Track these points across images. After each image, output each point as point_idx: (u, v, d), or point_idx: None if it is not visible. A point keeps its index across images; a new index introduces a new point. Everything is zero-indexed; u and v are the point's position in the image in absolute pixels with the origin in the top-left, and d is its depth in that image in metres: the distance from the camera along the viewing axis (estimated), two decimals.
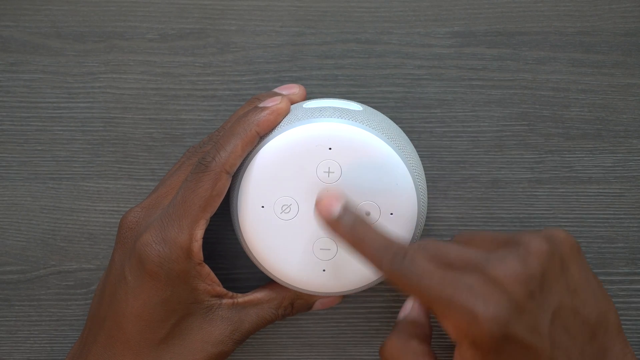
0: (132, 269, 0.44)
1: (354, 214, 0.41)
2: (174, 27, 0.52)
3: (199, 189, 0.44)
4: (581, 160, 0.52)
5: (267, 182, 0.44)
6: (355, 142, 0.43)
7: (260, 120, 0.44)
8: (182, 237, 0.44)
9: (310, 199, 0.44)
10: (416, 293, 0.40)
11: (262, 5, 0.52)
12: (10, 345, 0.52)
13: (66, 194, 0.52)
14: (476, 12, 0.52)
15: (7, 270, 0.52)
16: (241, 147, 0.43)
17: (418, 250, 0.40)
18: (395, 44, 0.52)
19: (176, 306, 0.44)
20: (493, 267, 0.39)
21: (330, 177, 0.43)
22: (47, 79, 0.52)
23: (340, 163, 0.44)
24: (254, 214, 0.44)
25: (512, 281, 0.39)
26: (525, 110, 0.52)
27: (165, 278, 0.44)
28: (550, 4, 0.51)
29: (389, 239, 0.41)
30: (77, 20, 0.52)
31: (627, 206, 0.52)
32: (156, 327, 0.45)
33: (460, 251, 0.40)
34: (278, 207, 0.44)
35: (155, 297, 0.44)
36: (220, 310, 0.46)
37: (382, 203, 0.44)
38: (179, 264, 0.44)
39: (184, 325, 0.45)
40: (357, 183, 0.43)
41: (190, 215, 0.44)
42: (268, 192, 0.44)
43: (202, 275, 0.45)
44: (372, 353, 0.52)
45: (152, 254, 0.44)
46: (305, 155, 0.44)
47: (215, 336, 0.45)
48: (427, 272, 0.39)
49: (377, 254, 0.40)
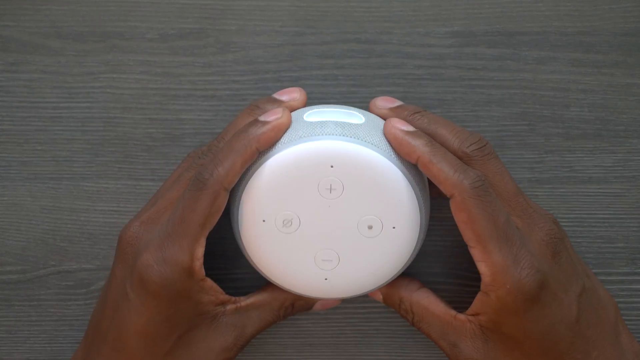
0: (133, 287, 0.44)
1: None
2: (174, 27, 0.52)
3: (198, 207, 0.43)
4: (581, 160, 0.52)
5: (268, 197, 0.44)
6: (357, 160, 0.43)
7: (260, 137, 0.43)
8: (183, 257, 0.43)
9: (311, 213, 0.44)
10: (480, 220, 0.42)
11: (262, 5, 0.52)
12: (10, 345, 0.52)
13: (66, 194, 0.52)
14: (476, 12, 0.52)
15: (7, 270, 0.52)
16: (240, 163, 0.43)
17: (490, 187, 0.44)
18: (395, 44, 0.52)
19: (180, 321, 0.44)
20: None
21: (332, 194, 0.44)
22: (47, 79, 0.52)
23: (342, 180, 0.44)
24: (255, 227, 0.44)
25: (546, 243, 0.45)
26: (525, 110, 0.52)
27: (168, 297, 0.44)
28: (550, 4, 0.51)
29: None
30: (77, 20, 0.52)
31: (627, 206, 0.52)
32: (160, 342, 0.45)
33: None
34: (279, 221, 0.44)
35: (158, 315, 0.44)
36: (224, 317, 0.46)
37: (384, 217, 0.44)
38: (182, 284, 0.43)
39: (188, 336, 0.45)
40: (359, 199, 0.44)
41: (189, 234, 0.43)
42: (269, 207, 0.44)
43: (204, 289, 0.45)
44: (372, 353, 0.52)
45: (153, 275, 0.43)
46: (306, 173, 0.43)
47: (219, 343, 0.46)
48: (498, 206, 0.43)
49: (456, 173, 0.43)
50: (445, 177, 0.43)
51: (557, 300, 0.44)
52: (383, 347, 0.52)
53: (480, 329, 0.45)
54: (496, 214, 0.43)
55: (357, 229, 0.44)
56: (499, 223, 0.43)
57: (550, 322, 0.44)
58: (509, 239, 0.43)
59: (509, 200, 0.45)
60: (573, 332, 0.44)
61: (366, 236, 0.44)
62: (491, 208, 0.43)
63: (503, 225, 0.43)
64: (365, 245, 0.45)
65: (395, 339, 0.52)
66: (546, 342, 0.44)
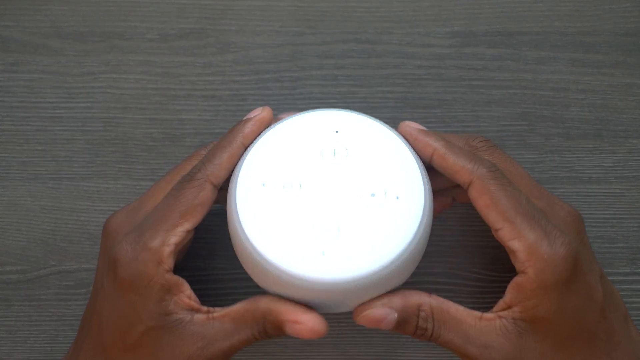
0: (108, 274, 0.44)
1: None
2: (174, 27, 0.52)
3: (182, 196, 0.43)
4: (581, 160, 0.52)
5: (270, 161, 0.43)
6: (362, 128, 0.44)
7: (245, 132, 0.45)
8: (154, 241, 0.43)
9: (313, 177, 0.43)
10: (503, 199, 0.43)
11: (262, 5, 0.52)
12: (10, 345, 0.52)
13: (66, 194, 0.52)
14: (476, 12, 0.52)
15: (7, 270, 0.52)
16: (227, 159, 0.44)
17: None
18: (395, 44, 0.52)
19: (144, 311, 0.43)
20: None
21: (335, 158, 0.43)
22: (47, 79, 0.52)
23: (347, 146, 0.44)
24: (253, 190, 0.43)
25: (570, 221, 0.45)
26: (525, 110, 0.52)
27: (131, 279, 0.43)
28: (550, 4, 0.51)
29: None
30: (77, 20, 0.52)
31: (627, 206, 0.52)
32: (125, 331, 0.43)
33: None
34: (279, 184, 0.43)
35: (121, 300, 0.43)
36: (191, 326, 0.43)
37: (388, 187, 0.43)
38: (146, 268, 0.43)
39: (152, 336, 0.43)
40: (363, 166, 0.43)
41: (167, 220, 0.43)
42: (270, 171, 0.43)
43: (169, 284, 0.43)
44: (372, 353, 0.52)
45: (123, 257, 0.43)
46: (311, 137, 0.44)
47: (183, 352, 0.43)
48: (516, 188, 0.44)
49: (472, 162, 0.44)
50: (461, 166, 0.44)
51: (586, 279, 0.44)
52: (383, 347, 0.52)
53: (514, 322, 0.43)
54: (517, 194, 0.43)
55: (360, 197, 0.43)
56: (522, 202, 0.43)
57: (583, 300, 0.43)
58: (535, 217, 0.43)
59: (524, 185, 0.46)
60: (600, 312, 0.44)
61: (368, 205, 0.43)
62: (510, 189, 0.43)
63: (525, 204, 0.43)
64: (367, 215, 0.43)
65: (395, 339, 0.52)
66: (577, 321, 0.43)
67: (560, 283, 0.42)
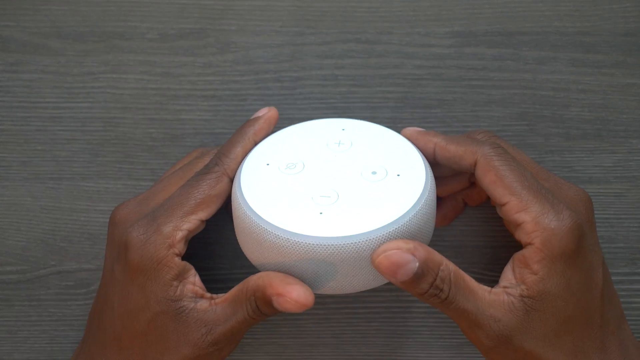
0: (118, 258, 0.44)
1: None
2: (174, 27, 0.52)
3: (200, 186, 0.45)
4: (581, 160, 0.52)
5: (276, 146, 0.46)
6: (367, 127, 0.47)
7: (256, 129, 0.47)
8: (167, 226, 0.44)
9: (316, 160, 0.45)
10: (509, 174, 0.43)
11: (262, 5, 0.52)
12: (10, 345, 0.52)
13: (66, 194, 0.52)
14: (476, 12, 0.52)
15: (7, 270, 0.52)
16: (241, 154, 0.46)
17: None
18: (395, 44, 0.52)
19: (151, 296, 0.44)
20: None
21: (340, 147, 0.45)
22: (47, 79, 0.52)
23: (352, 138, 0.46)
24: (257, 169, 0.45)
25: (577, 200, 0.46)
26: (525, 110, 0.52)
27: (141, 261, 0.43)
28: (550, 4, 0.51)
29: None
30: (77, 20, 0.52)
31: (627, 206, 0.52)
32: (134, 317, 0.44)
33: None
34: (283, 164, 0.45)
35: (131, 285, 0.44)
36: (194, 313, 0.44)
37: (389, 167, 0.44)
38: (157, 250, 0.43)
39: (159, 323, 0.44)
40: (366, 152, 0.45)
41: (183, 207, 0.44)
42: (275, 153, 0.45)
43: (178, 268, 0.44)
44: (372, 353, 0.52)
45: (135, 240, 0.44)
46: (318, 131, 0.46)
47: (188, 339, 0.44)
48: (521, 165, 0.44)
49: (475, 144, 0.45)
50: (465, 150, 0.45)
51: (589, 257, 0.44)
52: (383, 347, 0.52)
53: (521, 300, 0.43)
54: (522, 170, 0.44)
55: (361, 174, 0.44)
56: (527, 176, 0.44)
57: (585, 278, 0.43)
58: (541, 191, 0.44)
59: (531, 167, 0.46)
60: (600, 297, 0.44)
61: (369, 180, 0.44)
62: (515, 164, 0.44)
63: (531, 178, 0.44)
64: (367, 187, 0.43)
65: (395, 339, 0.52)
66: (579, 299, 0.43)
67: (566, 255, 0.43)
